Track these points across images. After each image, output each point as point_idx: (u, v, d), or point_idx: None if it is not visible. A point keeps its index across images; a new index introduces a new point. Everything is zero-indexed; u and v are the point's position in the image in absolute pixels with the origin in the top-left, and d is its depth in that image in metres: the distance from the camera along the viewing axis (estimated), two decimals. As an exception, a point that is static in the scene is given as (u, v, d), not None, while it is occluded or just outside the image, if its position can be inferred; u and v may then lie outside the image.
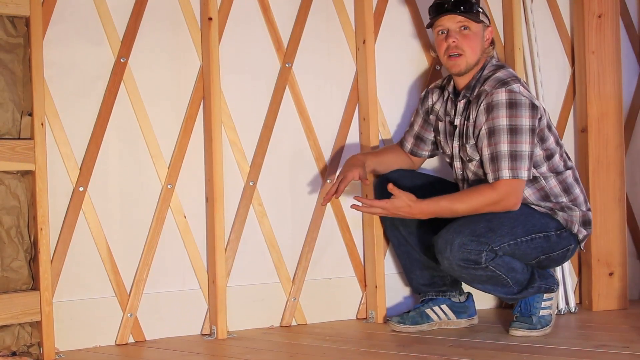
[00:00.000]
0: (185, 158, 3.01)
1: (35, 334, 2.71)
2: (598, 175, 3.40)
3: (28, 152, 2.66)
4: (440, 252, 2.76)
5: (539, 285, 2.89)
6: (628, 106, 3.70)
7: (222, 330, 2.96)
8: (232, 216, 3.09)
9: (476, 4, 2.88)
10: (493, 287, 2.84)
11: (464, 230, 2.73)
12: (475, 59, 2.88)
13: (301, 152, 3.24)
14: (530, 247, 2.83)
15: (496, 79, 2.84)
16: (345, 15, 3.29)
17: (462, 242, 2.72)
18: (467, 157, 2.91)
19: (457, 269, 2.77)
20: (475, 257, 2.73)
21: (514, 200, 2.79)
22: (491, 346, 2.72)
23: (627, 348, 2.59)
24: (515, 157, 2.76)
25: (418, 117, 3.13)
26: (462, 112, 2.93)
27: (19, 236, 2.70)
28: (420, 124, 3.12)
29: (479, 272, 2.77)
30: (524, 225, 2.81)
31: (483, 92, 2.84)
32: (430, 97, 3.09)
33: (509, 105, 2.78)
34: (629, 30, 3.72)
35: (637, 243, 3.72)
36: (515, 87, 2.81)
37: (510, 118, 2.77)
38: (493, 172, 2.79)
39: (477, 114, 2.83)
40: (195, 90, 3.03)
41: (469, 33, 2.87)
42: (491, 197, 2.77)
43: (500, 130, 2.77)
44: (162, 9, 3.00)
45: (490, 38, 2.92)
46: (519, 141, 2.76)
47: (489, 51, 2.93)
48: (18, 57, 2.70)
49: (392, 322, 3.05)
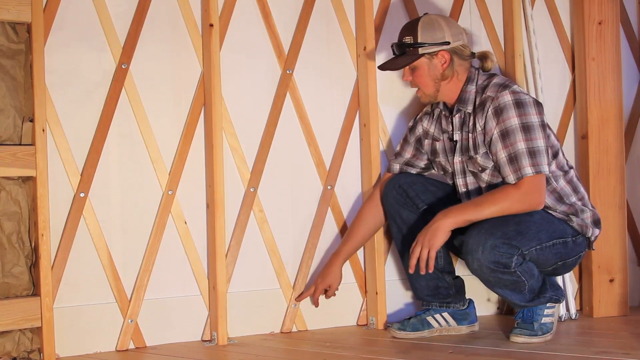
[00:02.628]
0: (186, 164, 3.02)
1: (35, 339, 2.71)
2: (598, 182, 3.40)
3: (29, 158, 2.67)
4: (471, 252, 2.75)
5: (550, 296, 2.90)
6: (628, 113, 3.70)
7: (222, 336, 2.96)
8: (232, 222, 3.09)
9: (409, 44, 2.90)
10: (511, 292, 2.84)
11: (495, 233, 2.74)
12: (432, 89, 2.94)
13: (302, 158, 3.24)
14: (552, 253, 2.85)
15: (496, 84, 2.87)
16: (346, 22, 3.30)
17: (495, 244, 2.72)
18: (478, 168, 2.90)
19: (486, 272, 2.76)
20: (507, 261, 2.74)
21: (539, 197, 2.80)
22: (492, 352, 2.71)
23: (628, 355, 2.59)
24: (533, 153, 2.78)
25: (408, 146, 3.13)
26: (460, 127, 2.94)
27: (19, 242, 2.70)
28: (412, 153, 3.12)
29: (506, 277, 2.77)
30: (547, 230, 2.83)
31: (487, 98, 2.85)
32: (420, 124, 3.10)
33: (516, 105, 2.80)
34: (629, 37, 3.72)
35: (638, 249, 3.72)
36: (517, 88, 2.86)
37: (520, 117, 2.79)
38: (514, 172, 2.79)
39: (486, 120, 2.84)
40: (196, 96, 3.04)
41: (416, 71, 2.93)
42: (516, 196, 2.77)
43: (514, 130, 2.79)
44: (164, 16, 3.00)
45: (446, 60, 2.90)
46: (533, 137, 2.79)
47: (458, 69, 2.91)
48: (19, 63, 2.70)
49: (392, 328, 3.05)
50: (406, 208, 3.05)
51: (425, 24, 2.91)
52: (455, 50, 2.91)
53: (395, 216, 3.07)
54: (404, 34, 2.94)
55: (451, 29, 2.92)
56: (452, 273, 3.08)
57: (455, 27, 2.94)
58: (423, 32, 2.90)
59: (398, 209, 3.06)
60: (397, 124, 3.38)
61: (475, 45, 3.48)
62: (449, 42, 2.90)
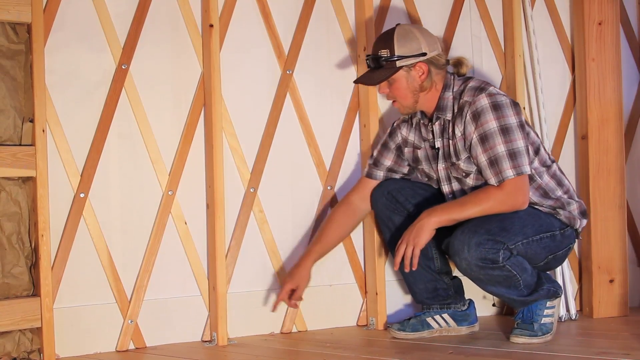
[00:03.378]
0: (186, 164, 3.02)
1: (35, 340, 2.71)
2: (598, 182, 3.40)
3: (29, 159, 2.67)
4: (458, 253, 2.76)
5: (548, 288, 2.90)
6: (628, 113, 3.70)
7: (222, 337, 2.96)
8: (232, 222, 3.09)
9: (385, 58, 2.85)
10: (506, 289, 2.84)
11: (479, 230, 2.74)
12: (410, 101, 2.91)
13: (302, 158, 3.24)
14: (540, 247, 2.85)
15: (472, 88, 2.86)
16: (346, 22, 3.30)
17: (479, 242, 2.73)
18: (462, 173, 2.90)
19: (475, 270, 2.77)
20: (493, 256, 2.74)
21: (522, 198, 2.81)
22: (492, 353, 2.71)
23: (628, 355, 2.59)
24: (514, 154, 2.78)
25: (388, 152, 3.08)
26: (441, 134, 2.93)
27: (19, 242, 2.70)
28: (394, 160, 3.07)
29: (496, 272, 2.77)
30: (533, 225, 2.84)
31: (465, 103, 2.85)
32: (399, 131, 3.07)
33: (493, 108, 2.80)
34: (629, 37, 3.72)
35: (638, 250, 3.73)
36: (493, 90, 2.84)
37: (498, 120, 2.79)
38: (496, 175, 2.79)
39: (465, 125, 2.84)
40: (196, 96, 3.04)
41: (394, 84, 2.89)
42: (499, 197, 2.78)
43: (493, 133, 2.79)
44: (164, 16, 3.00)
45: (424, 71, 2.87)
46: (513, 139, 2.78)
47: (435, 79, 2.89)
48: (19, 63, 2.70)
49: (392, 329, 3.05)
50: (397, 213, 3.04)
51: (400, 35, 2.86)
52: (431, 60, 2.88)
53: (387, 222, 3.06)
54: (380, 46, 2.88)
55: (426, 39, 2.89)
56: (450, 273, 3.08)
57: (429, 36, 2.91)
58: (399, 44, 2.85)
59: (389, 215, 3.05)
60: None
61: (475, 46, 3.48)
62: (426, 53, 2.87)
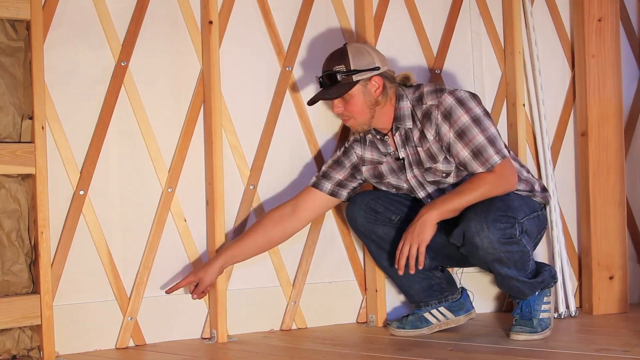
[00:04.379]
0: (185, 161, 3.02)
1: (35, 337, 2.71)
2: (598, 179, 3.40)
3: (29, 156, 2.66)
4: (478, 233, 2.74)
5: (550, 270, 2.96)
6: (628, 110, 3.70)
7: (222, 334, 2.96)
8: (232, 220, 3.09)
9: (342, 71, 2.83)
10: (519, 269, 2.84)
11: (490, 209, 2.76)
12: (367, 116, 2.87)
13: (302, 155, 3.24)
14: (535, 225, 2.92)
15: (430, 92, 2.87)
16: (345, 19, 3.30)
17: (495, 218, 2.74)
18: (442, 174, 2.90)
19: (497, 246, 2.76)
20: (511, 230, 2.76)
21: (513, 178, 2.86)
22: (492, 350, 2.72)
23: (628, 352, 2.59)
24: (492, 141, 2.82)
25: (341, 169, 3.03)
26: (403, 144, 2.92)
27: (19, 240, 2.70)
28: (345, 176, 3.02)
29: (515, 247, 2.79)
30: (522, 205, 2.88)
31: (431, 107, 2.84)
32: (353, 151, 3.03)
33: (459, 103, 2.83)
34: (629, 33, 3.72)
35: (638, 247, 3.72)
36: (450, 88, 2.88)
37: (467, 112, 2.83)
38: (482, 164, 2.81)
39: (438, 127, 2.84)
40: (196, 93, 3.03)
41: (350, 100, 2.85)
42: (493, 180, 2.81)
43: (468, 126, 2.82)
44: (163, 13, 3.00)
45: (379, 85, 2.85)
46: (486, 127, 2.83)
47: (389, 92, 2.88)
48: (19, 60, 2.70)
49: (391, 326, 3.05)
50: (379, 223, 3.01)
51: (354, 51, 2.85)
52: (385, 74, 2.88)
53: (370, 235, 3.03)
54: (333, 64, 2.85)
55: (377, 54, 2.89)
56: (437, 267, 3.08)
57: (379, 52, 2.92)
58: (354, 59, 2.83)
59: (372, 228, 3.02)
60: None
61: (475, 42, 3.47)
62: (379, 67, 2.86)
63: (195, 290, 2.90)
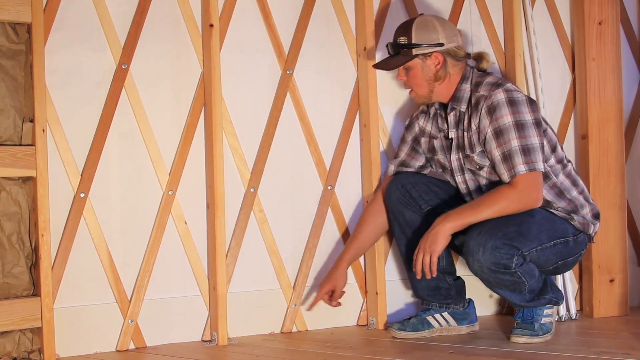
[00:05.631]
0: (186, 164, 3.02)
1: (36, 340, 2.71)
2: (598, 182, 3.40)
3: (29, 159, 2.67)
4: (472, 253, 2.75)
5: (550, 298, 2.91)
6: (628, 113, 3.70)
7: (222, 337, 2.96)
8: (232, 222, 3.09)
9: (403, 45, 2.90)
10: (511, 293, 2.85)
11: (496, 233, 2.73)
12: (425, 90, 2.93)
13: (302, 158, 3.24)
14: (552, 253, 2.85)
15: (489, 82, 2.87)
16: (346, 22, 3.30)
17: (495, 245, 2.72)
18: (476, 166, 2.90)
19: (487, 272, 2.77)
20: (507, 261, 2.74)
21: (536, 195, 2.80)
22: (492, 353, 2.71)
23: (628, 355, 2.59)
24: (527, 150, 2.77)
25: (405, 146, 3.13)
26: (456, 124, 2.94)
27: (20, 242, 2.70)
28: (407, 152, 3.11)
29: (506, 277, 2.77)
30: (548, 230, 2.83)
31: (481, 97, 2.85)
32: (417, 122, 3.09)
33: (509, 103, 2.80)
34: (630, 37, 3.72)
35: (638, 249, 3.73)
36: (510, 86, 2.85)
37: (513, 115, 2.79)
38: (508, 170, 2.79)
39: (480, 119, 2.84)
40: (197, 96, 3.04)
41: (410, 71, 2.93)
42: (513, 196, 2.77)
43: (507, 128, 2.79)
44: (164, 16, 3.00)
45: (439, 61, 2.89)
46: (527, 135, 2.79)
47: (451, 70, 2.90)
48: (20, 63, 2.70)
49: (392, 328, 3.05)
50: (409, 208, 3.04)
51: (419, 25, 2.91)
52: (448, 51, 2.91)
53: (398, 216, 3.07)
54: (399, 34, 2.95)
55: (445, 31, 2.91)
56: (454, 274, 3.08)
57: (449, 28, 2.94)
58: (417, 33, 2.89)
59: (401, 209, 3.05)
60: (398, 124, 3.38)
61: (475, 46, 3.48)
62: (443, 44, 2.89)
63: (333, 298, 3.08)
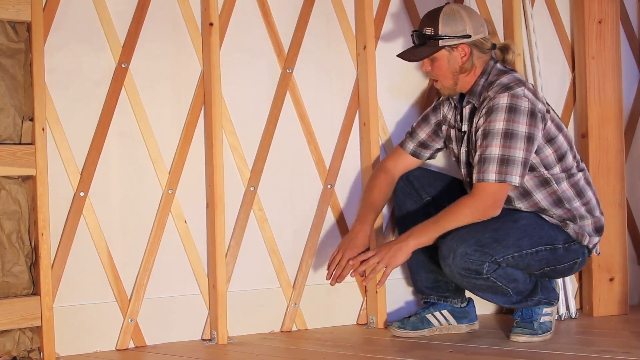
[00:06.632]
0: (186, 163, 3.02)
1: (35, 339, 2.71)
2: (598, 181, 3.40)
3: (29, 157, 2.66)
4: (443, 259, 2.76)
5: (539, 299, 2.89)
6: (628, 111, 3.70)
7: (222, 336, 2.96)
8: (232, 221, 3.09)
9: (430, 36, 2.85)
10: (492, 295, 2.85)
11: (469, 240, 2.73)
12: (450, 81, 2.89)
13: (302, 157, 3.24)
14: (535, 260, 2.82)
15: (500, 84, 2.82)
16: (345, 21, 3.30)
17: (465, 252, 2.72)
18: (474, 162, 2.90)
19: (458, 277, 2.78)
20: (477, 268, 2.73)
21: (493, 206, 2.75)
22: (492, 352, 2.72)
23: (628, 353, 2.59)
24: (506, 161, 2.74)
25: (426, 126, 3.08)
26: (469, 118, 2.92)
27: (19, 241, 2.70)
28: (429, 134, 3.07)
29: (480, 282, 2.77)
30: (531, 237, 2.80)
31: (487, 97, 2.83)
32: (442, 107, 3.06)
33: (508, 109, 2.76)
34: (629, 35, 3.72)
35: (638, 248, 3.72)
36: (519, 92, 2.78)
37: (507, 122, 2.75)
38: (477, 173, 2.77)
39: (479, 118, 2.83)
40: (196, 95, 3.03)
41: (435, 62, 2.88)
42: (472, 207, 2.75)
43: (495, 133, 2.75)
44: (163, 15, 3.00)
45: (466, 53, 2.85)
46: (512, 146, 2.74)
47: (476, 62, 2.87)
48: (19, 62, 2.70)
49: (392, 327, 3.05)
50: (410, 198, 3.06)
51: (446, 15, 2.85)
52: (475, 43, 2.86)
53: (400, 205, 3.09)
54: (425, 23, 2.88)
55: (472, 21, 2.86)
56: None
57: (476, 19, 2.89)
58: (444, 23, 2.84)
59: (403, 199, 3.07)
60: (398, 122, 3.37)
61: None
62: (470, 35, 2.84)
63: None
